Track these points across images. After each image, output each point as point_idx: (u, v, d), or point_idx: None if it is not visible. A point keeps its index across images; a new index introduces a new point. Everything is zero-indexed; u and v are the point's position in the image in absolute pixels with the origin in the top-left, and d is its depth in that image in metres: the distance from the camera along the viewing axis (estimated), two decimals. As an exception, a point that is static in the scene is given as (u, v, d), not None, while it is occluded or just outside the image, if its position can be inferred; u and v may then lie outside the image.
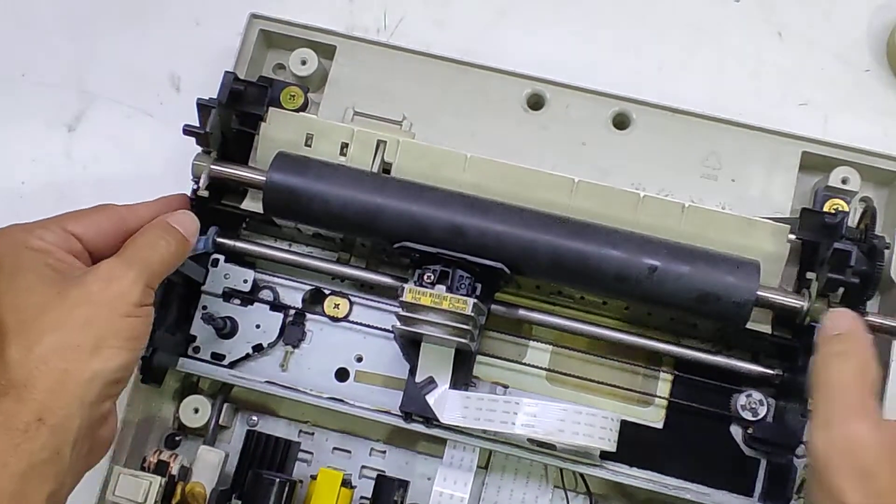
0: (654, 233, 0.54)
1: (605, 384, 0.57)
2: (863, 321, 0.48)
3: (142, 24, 0.68)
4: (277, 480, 0.53)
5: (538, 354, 0.58)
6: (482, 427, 0.53)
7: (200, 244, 0.54)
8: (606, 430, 0.52)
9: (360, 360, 0.58)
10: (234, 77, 0.55)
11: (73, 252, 0.47)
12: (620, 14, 0.67)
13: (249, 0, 0.65)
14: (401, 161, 0.56)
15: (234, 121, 0.56)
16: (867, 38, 0.67)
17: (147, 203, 0.52)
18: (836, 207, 0.57)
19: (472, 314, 0.52)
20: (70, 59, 0.68)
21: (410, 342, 0.55)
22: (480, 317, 0.53)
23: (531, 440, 0.54)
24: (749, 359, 0.56)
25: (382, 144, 0.56)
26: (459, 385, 0.55)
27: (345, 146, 0.56)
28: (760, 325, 0.54)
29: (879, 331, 0.53)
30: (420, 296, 0.52)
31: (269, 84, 0.58)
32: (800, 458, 0.54)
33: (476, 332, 0.53)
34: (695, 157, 0.61)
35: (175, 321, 0.56)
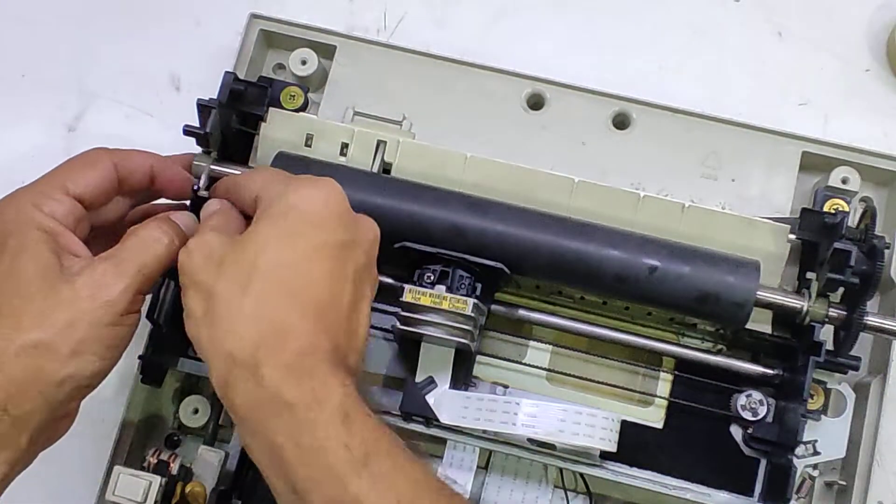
0: (654, 233, 0.54)
1: (605, 384, 0.57)
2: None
3: (142, 24, 0.68)
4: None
5: (538, 354, 0.58)
6: (482, 427, 0.53)
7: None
8: (606, 430, 0.52)
9: (360, 360, 0.58)
10: (235, 77, 0.55)
11: (78, 221, 0.47)
12: (620, 14, 0.67)
13: (249, 0, 0.65)
14: (401, 161, 0.56)
15: (235, 121, 0.56)
16: (867, 38, 0.67)
17: (143, 153, 0.51)
18: (836, 207, 0.57)
19: (472, 314, 0.52)
20: (70, 59, 0.68)
21: (410, 342, 0.55)
22: (480, 317, 0.53)
23: (531, 440, 0.54)
24: (749, 359, 0.56)
25: (382, 144, 0.56)
26: (459, 385, 0.55)
27: (345, 146, 0.56)
28: (760, 325, 0.54)
29: (879, 331, 0.53)
30: (420, 296, 0.52)
31: (269, 84, 0.58)
32: (800, 458, 0.54)
33: (476, 332, 0.53)
34: (695, 157, 0.61)
35: (175, 321, 0.56)
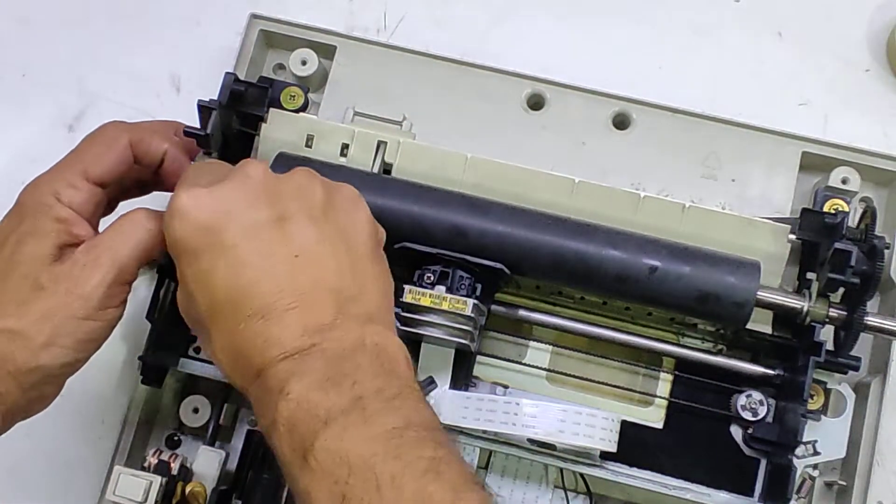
0: (654, 233, 0.54)
1: (605, 384, 0.57)
2: None
3: (142, 25, 0.68)
4: (277, 480, 0.53)
5: (538, 354, 0.58)
6: (482, 427, 0.53)
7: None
8: (606, 431, 0.52)
9: (361, 361, 0.58)
10: (235, 78, 0.55)
11: (97, 206, 0.47)
12: (620, 14, 0.67)
13: (249, 0, 0.65)
14: (401, 162, 0.56)
15: (235, 122, 0.56)
16: (867, 38, 0.67)
17: (153, 123, 0.52)
18: (836, 207, 0.57)
19: (472, 314, 0.52)
20: (70, 59, 0.68)
21: (410, 342, 0.54)
22: (480, 317, 0.53)
23: (531, 440, 0.54)
24: (749, 359, 0.56)
25: (383, 145, 0.56)
26: (459, 385, 0.55)
27: (345, 147, 0.56)
28: (760, 325, 0.54)
29: (879, 331, 0.53)
30: (420, 296, 0.52)
31: (270, 84, 0.58)
32: (800, 459, 0.54)
33: (476, 333, 0.53)
34: (695, 157, 0.61)
35: (175, 321, 0.56)
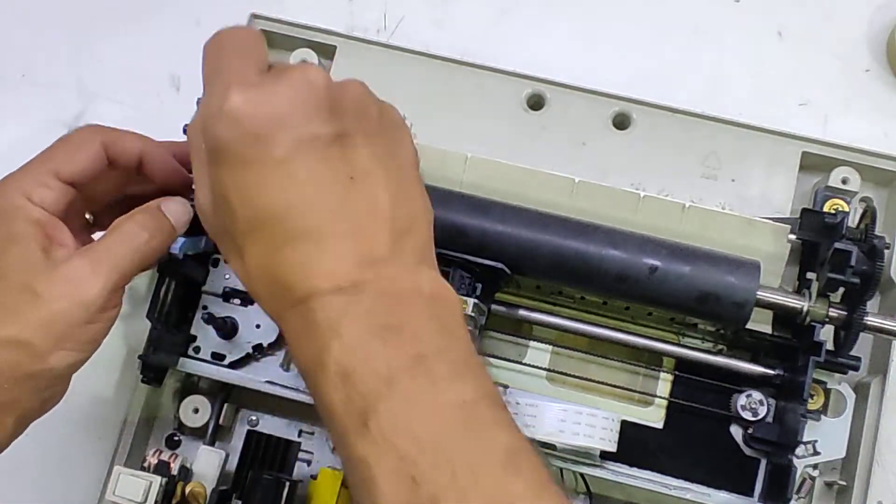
0: (654, 233, 0.54)
1: (605, 384, 0.57)
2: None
3: (142, 24, 0.68)
4: (277, 480, 0.53)
5: (538, 354, 0.58)
6: (482, 427, 0.53)
7: (202, 243, 0.54)
8: (606, 431, 0.51)
9: (361, 360, 0.58)
10: (235, 77, 0.55)
11: (70, 205, 0.46)
12: (620, 14, 0.67)
13: (249, 0, 0.65)
14: (401, 161, 0.56)
15: (235, 121, 0.56)
16: (867, 38, 0.67)
17: (134, 135, 0.49)
18: (836, 207, 0.57)
19: (473, 314, 0.52)
20: (70, 59, 0.68)
21: (410, 342, 0.54)
22: (480, 317, 0.53)
23: (531, 440, 0.53)
24: (749, 359, 0.56)
25: (382, 144, 0.56)
26: (459, 385, 0.55)
27: (345, 146, 0.56)
28: (760, 325, 0.54)
29: (879, 331, 0.53)
30: (420, 296, 0.52)
31: (270, 84, 0.58)
32: (800, 459, 0.54)
33: (476, 332, 0.53)
34: (695, 157, 0.61)
35: (175, 321, 0.56)
